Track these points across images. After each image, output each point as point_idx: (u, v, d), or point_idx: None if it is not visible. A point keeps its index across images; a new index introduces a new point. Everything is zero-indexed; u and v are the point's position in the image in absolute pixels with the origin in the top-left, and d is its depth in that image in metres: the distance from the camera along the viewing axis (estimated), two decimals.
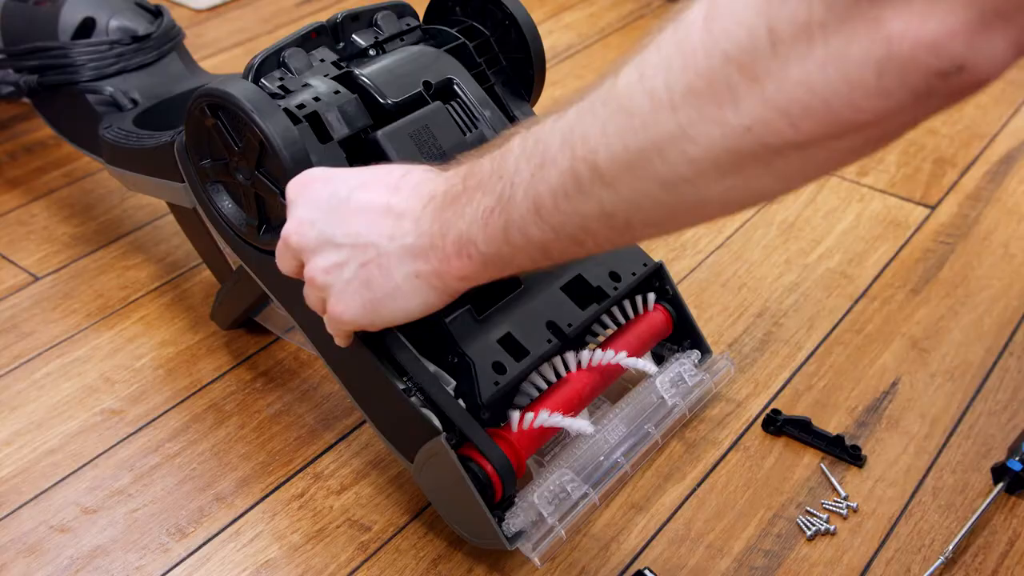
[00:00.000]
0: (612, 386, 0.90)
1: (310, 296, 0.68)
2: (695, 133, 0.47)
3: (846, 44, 0.43)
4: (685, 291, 1.07)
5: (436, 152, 0.81)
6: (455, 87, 0.86)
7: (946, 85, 0.42)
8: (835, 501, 0.84)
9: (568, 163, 0.52)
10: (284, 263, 0.69)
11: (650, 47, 0.51)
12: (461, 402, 0.77)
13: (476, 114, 0.86)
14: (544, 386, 0.82)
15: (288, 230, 0.66)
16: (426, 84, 0.84)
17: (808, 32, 0.43)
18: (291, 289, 0.82)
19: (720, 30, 0.46)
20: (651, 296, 0.91)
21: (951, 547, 0.80)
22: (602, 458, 0.83)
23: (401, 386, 0.77)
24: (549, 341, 0.83)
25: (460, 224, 0.58)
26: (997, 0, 0.40)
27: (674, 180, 0.49)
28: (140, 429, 0.92)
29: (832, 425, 0.91)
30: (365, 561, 0.81)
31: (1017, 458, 0.84)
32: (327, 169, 0.68)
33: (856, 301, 1.06)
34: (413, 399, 0.77)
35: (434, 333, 0.79)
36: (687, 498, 0.85)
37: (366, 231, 0.61)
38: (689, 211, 0.52)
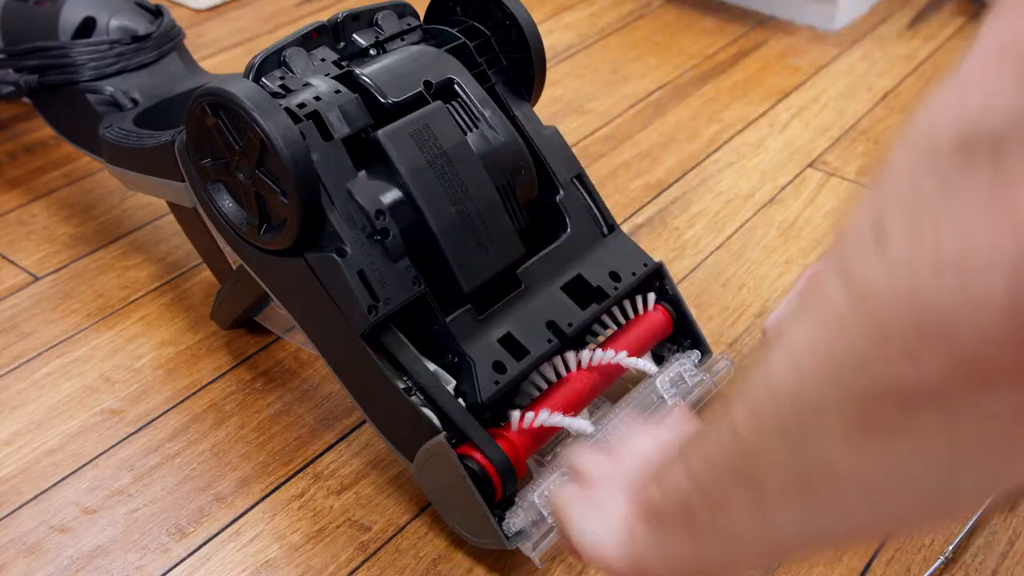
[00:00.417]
0: (612, 386, 0.90)
1: None
2: (809, 371, 0.38)
3: (964, 240, 0.30)
4: (685, 291, 1.07)
5: (436, 151, 0.81)
6: (456, 87, 0.86)
7: None
8: None
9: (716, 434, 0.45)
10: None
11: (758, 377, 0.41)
12: (461, 401, 0.77)
13: (477, 114, 0.86)
14: (544, 386, 0.82)
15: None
16: (427, 84, 0.84)
17: (917, 223, 0.32)
18: (291, 289, 0.82)
19: (840, 234, 0.36)
20: (651, 296, 0.91)
21: (951, 547, 0.80)
22: None
23: (401, 385, 0.77)
24: (549, 341, 0.83)
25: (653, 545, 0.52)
26: None
27: (795, 432, 0.40)
28: (140, 429, 0.92)
29: None
30: (365, 561, 0.80)
31: None
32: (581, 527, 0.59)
33: None
34: (413, 398, 0.77)
35: (434, 333, 0.79)
36: None
37: (614, 522, 0.56)
38: (822, 491, 0.41)
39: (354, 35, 0.88)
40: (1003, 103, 0.30)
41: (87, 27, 1.09)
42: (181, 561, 0.80)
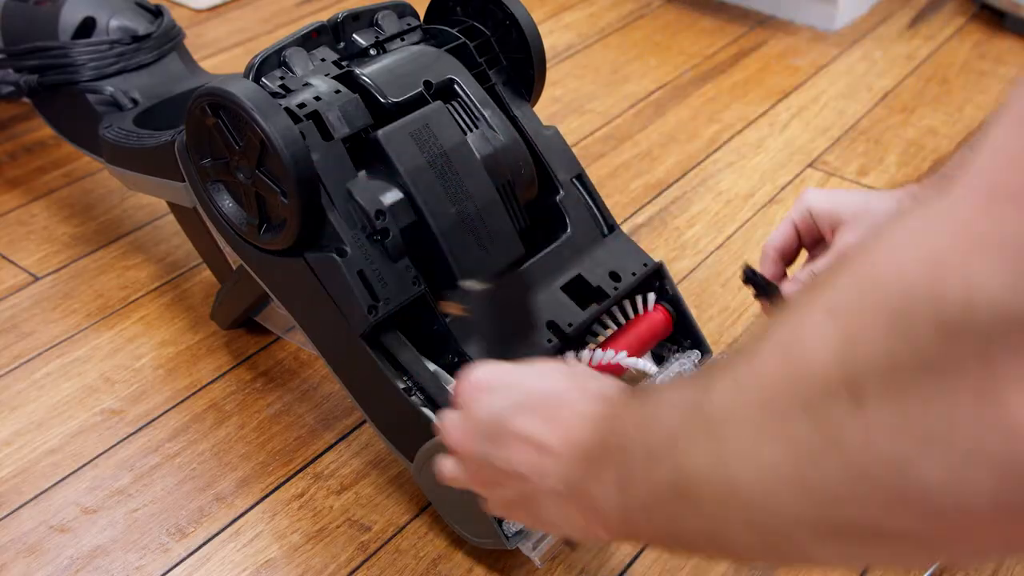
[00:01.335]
0: None
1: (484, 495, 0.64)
2: (775, 489, 0.38)
3: (949, 425, 0.31)
4: (685, 291, 1.07)
5: (437, 151, 0.81)
6: (456, 87, 0.86)
7: None
8: None
9: (668, 472, 0.45)
10: (446, 468, 0.65)
11: (749, 357, 0.41)
12: None
13: (477, 114, 0.86)
14: None
15: (450, 434, 0.62)
16: (427, 84, 0.84)
17: (899, 395, 0.32)
18: (291, 289, 0.82)
19: (797, 370, 0.37)
20: (651, 296, 0.91)
21: None
22: None
23: (401, 386, 0.77)
24: (549, 341, 0.83)
25: (594, 489, 0.51)
26: None
27: (762, 529, 0.41)
28: (140, 429, 0.92)
29: None
30: (365, 561, 0.80)
31: None
32: (493, 372, 0.61)
33: None
34: (413, 398, 0.77)
35: (434, 333, 0.79)
36: None
37: (519, 462, 0.57)
38: (797, 559, 0.45)
39: (354, 35, 0.88)
40: (990, 298, 0.30)
41: (87, 27, 1.09)
42: (181, 561, 0.80)
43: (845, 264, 0.36)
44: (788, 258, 0.83)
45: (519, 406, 0.58)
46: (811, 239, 0.81)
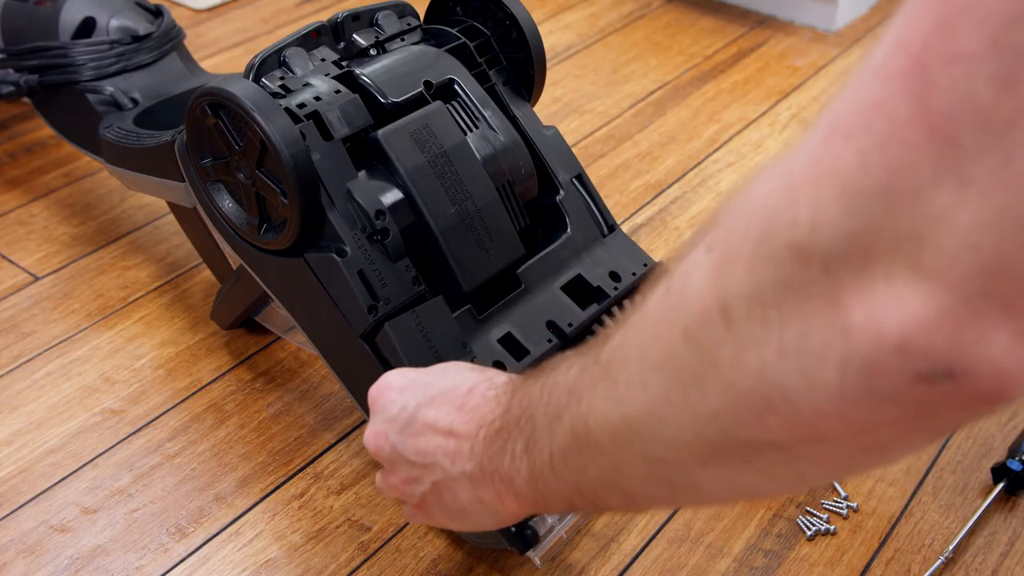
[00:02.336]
0: None
1: (401, 498, 0.67)
2: (663, 415, 0.43)
3: (802, 332, 0.36)
4: None
5: (437, 152, 0.81)
6: (456, 87, 0.86)
7: (939, 395, 0.34)
8: (835, 501, 0.84)
9: (569, 422, 0.49)
10: (377, 480, 0.68)
11: (640, 304, 0.45)
12: None
13: (477, 114, 0.86)
14: None
15: (367, 440, 0.65)
16: (427, 84, 0.84)
17: (761, 312, 0.37)
18: (291, 289, 0.82)
19: (679, 301, 0.41)
20: None
21: (951, 547, 0.80)
22: None
23: None
24: (549, 341, 0.83)
25: (503, 462, 0.55)
26: (989, 279, 0.32)
27: (655, 460, 0.45)
28: (140, 429, 0.92)
29: None
30: (365, 561, 0.80)
31: (1017, 458, 0.84)
32: (404, 375, 0.65)
33: None
34: None
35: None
36: None
37: (431, 452, 0.60)
38: (686, 493, 0.47)
39: (354, 35, 0.88)
40: (830, 222, 0.35)
41: (87, 27, 1.09)
42: (181, 561, 0.80)
43: (724, 204, 0.41)
44: None
45: (428, 399, 0.61)
46: None
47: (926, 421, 0.36)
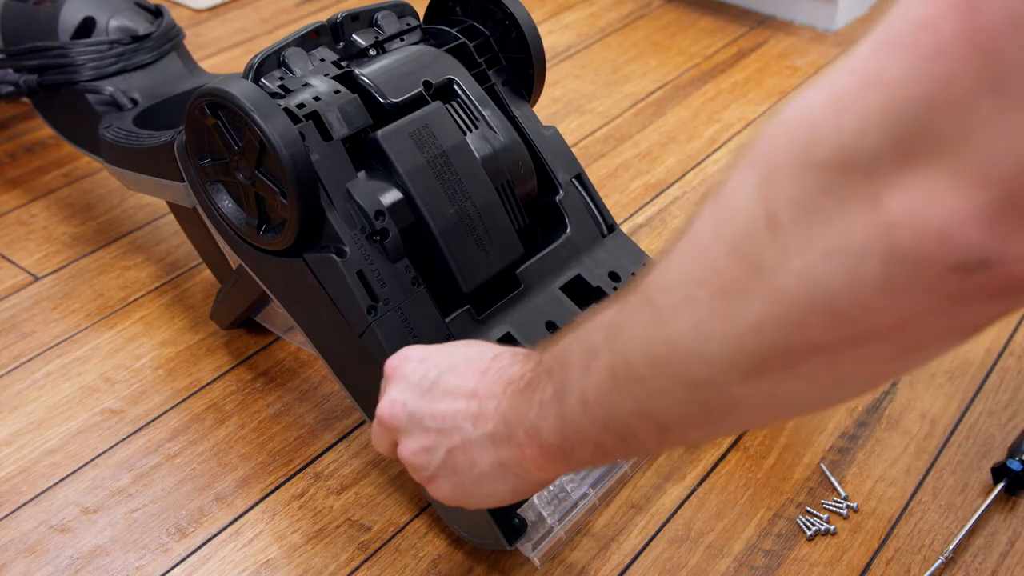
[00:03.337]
0: None
1: (412, 471, 0.66)
2: (708, 330, 0.44)
3: (846, 232, 0.38)
4: None
5: (436, 152, 0.81)
6: (455, 87, 0.86)
7: (974, 284, 0.36)
8: (835, 501, 0.84)
9: (607, 357, 0.50)
10: (378, 441, 0.67)
11: (684, 231, 0.46)
12: None
13: (476, 114, 0.86)
14: None
15: (381, 409, 0.64)
16: (426, 84, 0.84)
17: (806, 216, 0.39)
18: (290, 289, 0.82)
19: (724, 217, 0.43)
20: None
21: (951, 547, 0.80)
22: None
23: None
24: None
25: (530, 413, 0.55)
26: (1021, 180, 0.35)
27: (696, 381, 0.46)
28: (140, 429, 0.92)
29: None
30: (365, 561, 0.81)
31: (1017, 458, 0.84)
32: (424, 348, 0.65)
33: None
34: None
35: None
36: (687, 498, 0.85)
37: (452, 416, 0.60)
38: (724, 415, 0.48)
39: (354, 35, 0.88)
40: (875, 129, 0.37)
41: (87, 27, 1.09)
42: (181, 561, 0.80)
43: (764, 125, 0.42)
44: None
45: (451, 367, 0.62)
46: None
47: (961, 313, 0.38)
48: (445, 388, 0.61)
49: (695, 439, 0.52)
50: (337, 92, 0.80)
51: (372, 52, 0.88)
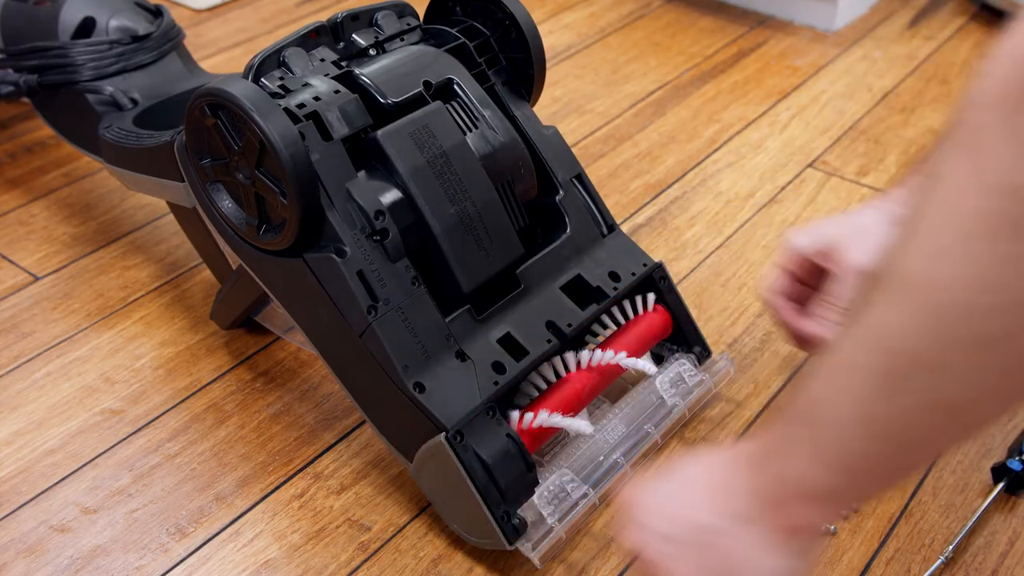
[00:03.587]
0: (612, 386, 0.90)
1: None
2: (991, 278, 0.42)
3: None
4: (685, 291, 1.07)
5: (436, 152, 0.81)
6: (455, 87, 0.86)
7: None
8: None
9: (874, 364, 0.47)
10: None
11: (915, 229, 0.45)
12: None
13: (476, 114, 0.86)
14: (544, 386, 0.82)
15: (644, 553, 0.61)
16: (426, 84, 0.84)
17: None
18: (290, 289, 0.82)
19: (975, 166, 0.42)
20: (651, 296, 0.91)
21: (951, 547, 0.80)
22: (602, 458, 0.83)
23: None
24: (549, 341, 0.83)
25: (788, 472, 0.53)
26: None
27: (983, 340, 0.44)
28: (140, 429, 0.92)
29: None
30: (365, 561, 0.80)
31: (1017, 458, 0.84)
32: (649, 499, 0.61)
33: None
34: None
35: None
36: None
37: (700, 518, 0.57)
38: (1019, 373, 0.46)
39: (354, 35, 0.88)
40: None
41: (87, 27, 1.09)
42: (181, 561, 0.80)
43: (986, 69, 0.41)
44: (797, 299, 0.85)
45: (686, 514, 0.58)
46: (811, 277, 0.83)
47: None
48: (682, 499, 0.58)
49: (992, 411, 0.48)
50: (337, 92, 0.80)
51: (372, 52, 0.88)
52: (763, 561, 0.55)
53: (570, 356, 0.83)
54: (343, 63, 0.85)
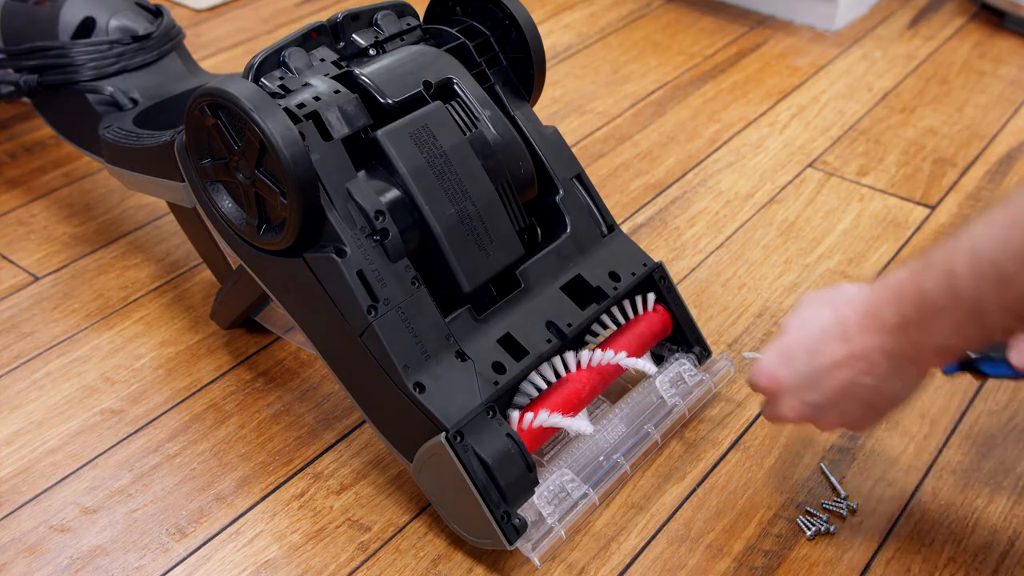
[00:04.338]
0: (612, 386, 0.90)
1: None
2: None
3: None
4: (685, 291, 1.07)
5: (436, 151, 0.81)
6: (455, 87, 0.86)
7: None
8: (835, 501, 0.84)
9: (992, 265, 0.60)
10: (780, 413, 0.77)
11: None
12: None
13: (476, 114, 0.86)
14: (544, 386, 0.82)
15: (790, 418, 0.75)
16: (426, 84, 0.84)
17: None
18: (290, 289, 0.82)
19: None
20: (651, 296, 0.91)
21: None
22: (602, 458, 0.83)
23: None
24: (549, 341, 0.83)
25: (935, 340, 0.66)
26: None
27: None
28: (140, 429, 0.92)
29: None
30: (365, 561, 0.80)
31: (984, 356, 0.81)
32: (777, 355, 0.75)
33: None
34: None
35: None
36: (687, 498, 0.85)
37: (846, 383, 0.71)
38: None
39: (354, 35, 0.88)
40: None
41: (87, 27, 1.09)
42: (181, 561, 0.80)
43: None
44: None
45: (814, 352, 0.72)
46: None
47: None
48: (826, 369, 0.71)
49: None
50: (337, 92, 0.80)
51: (372, 52, 0.88)
52: (902, 393, 0.71)
53: (570, 356, 0.83)
54: (343, 63, 0.85)
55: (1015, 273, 0.59)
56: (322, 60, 0.85)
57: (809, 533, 0.82)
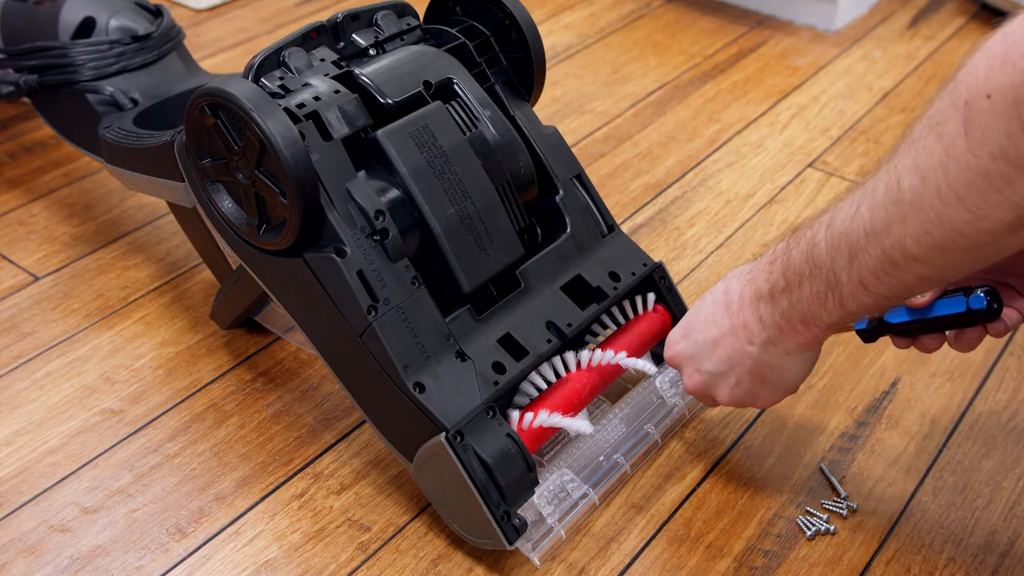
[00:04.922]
0: (612, 386, 0.90)
1: (734, 405, 0.81)
2: (985, 214, 0.55)
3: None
4: (685, 291, 1.07)
5: (436, 151, 0.81)
6: (455, 87, 0.86)
7: None
8: (835, 501, 0.84)
9: (879, 251, 0.61)
10: (703, 401, 0.84)
11: (916, 152, 0.58)
12: None
13: (476, 114, 0.86)
14: (544, 386, 0.82)
15: (688, 387, 0.82)
16: (426, 84, 0.84)
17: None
18: (290, 289, 0.82)
19: (981, 137, 0.53)
20: (651, 296, 0.91)
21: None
22: (602, 458, 0.83)
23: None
24: (549, 341, 0.83)
25: (800, 308, 0.70)
26: None
27: (975, 246, 0.57)
28: (140, 429, 0.92)
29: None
30: (365, 561, 0.80)
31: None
32: (677, 329, 0.82)
33: None
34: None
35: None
36: (687, 498, 0.85)
37: (734, 353, 0.76)
38: (991, 258, 0.59)
39: (354, 35, 0.88)
40: None
41: (87, 27, 1.09)
42: (181, 561, 0.80)
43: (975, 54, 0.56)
44: None
45: (706, 324, 0.77)
46: None
47: None
48: (714, 340, 0.76)
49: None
50: (337, 92, 0.80)
51: (372, 52, 0.88)
52: (786, 366, 0.75)
53: (570, 356, 0.83)
54: (343, 63, 0.85)
55: (864, 247, 0.62)
56: (322, 60, 0.85)
57: (809, 533, 0.82)
